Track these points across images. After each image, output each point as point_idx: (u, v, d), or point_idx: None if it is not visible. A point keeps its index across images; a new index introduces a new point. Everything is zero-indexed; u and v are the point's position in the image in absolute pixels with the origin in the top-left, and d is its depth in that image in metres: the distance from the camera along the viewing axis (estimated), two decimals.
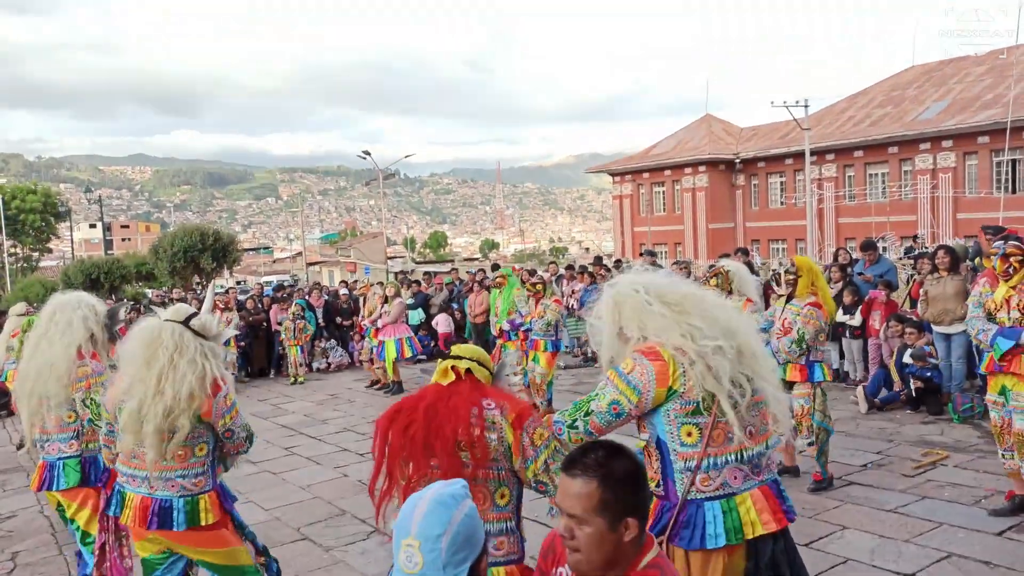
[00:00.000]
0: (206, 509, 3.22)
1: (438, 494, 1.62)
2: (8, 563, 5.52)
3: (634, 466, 1.77)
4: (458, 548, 1.56)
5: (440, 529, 1.56)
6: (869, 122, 33.38)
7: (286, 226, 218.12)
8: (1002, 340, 4.77)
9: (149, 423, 3.04)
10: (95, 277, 27.70)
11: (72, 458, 3.88)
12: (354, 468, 7.31)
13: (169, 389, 3.06)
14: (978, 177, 28.69)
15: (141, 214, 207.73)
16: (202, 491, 3.24)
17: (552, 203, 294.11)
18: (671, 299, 2.62)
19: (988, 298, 4.93)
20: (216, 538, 3.27)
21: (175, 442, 3.12)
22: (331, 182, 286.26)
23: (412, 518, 1.59)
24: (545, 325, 8.74)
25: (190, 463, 3.21)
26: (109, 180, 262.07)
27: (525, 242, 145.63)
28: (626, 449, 1.81)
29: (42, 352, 3.77)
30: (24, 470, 8.41)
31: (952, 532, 4.77)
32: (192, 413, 3.11)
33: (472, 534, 1.60)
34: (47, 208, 44.06)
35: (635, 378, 2.51)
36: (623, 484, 1.71)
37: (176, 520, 3.16)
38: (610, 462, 1.73)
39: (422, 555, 1.55)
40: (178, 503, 3.17)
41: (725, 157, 36.98)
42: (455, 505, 1.60)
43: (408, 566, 1.56)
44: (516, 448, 2.43)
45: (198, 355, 3.15)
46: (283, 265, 68.57)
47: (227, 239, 31.14)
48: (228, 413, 3.25)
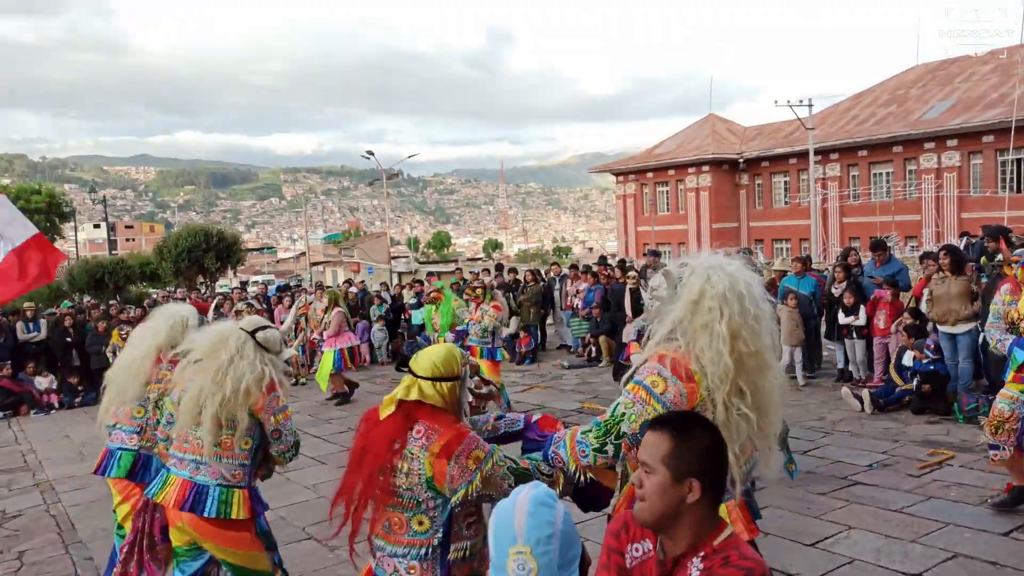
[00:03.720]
0: (237, 503, 3.36)
1: (535, 495, 1.57)
2: (15, 562, 5.54)
3: (710, 436, 1.78)
4: (569, 546, 1.53)
5: (549, 529, 1.52)
6: (873, 121, 33.31)
7: (290, 226, 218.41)
8: (1020, 351, 4.74)
9: (207, 410, 3.26)
10: (99, 277, 27.70)
11: (129, 451, 4.16)
12: None
13: (228, 383, 3.28)
14: (983, 176, 28.60)
15: (145, 214, 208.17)
16: (238, 485, 3.40)
17: (555, 203, 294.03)
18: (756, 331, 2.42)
19: (1012, 307, 4.86)
20: (239, 539, 3.38)
21: (238, 435, 3.34)
22: (334, 182, 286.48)
23: (515, 521, 1.54)
24: (482, 331, 8.45)
25: (234, 454, 3.38)
26: (113, 180, 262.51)
27: (528, 242, 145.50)
28: (710, 423, 1.85)
29: (132, 349, 4.16)
30: (30, 470, 8.44)
31: (958, 532, 4.76)
32: (247, 407, 3.32)
33: (574, 529, 1.57)
34: (52, 208, 44.07)
35: (670, 399, 2.39)
36: (693, 445, 1.73)
37: (208, 506, 3.31)
38: (688, 425, 1.80)
39: (535, 560, 1.50)
40: (214, 491, 3.34)
41: (729, 157, 36.93)
42: (554, 502, 1.56)
43: (521, 574, 1.50)
44: (439, 479, 2.40)
45: (258, 361, 3.38)
46: (286, 265, 68.66)
47: (231, 239, 31.13)
48: (279, 413, 3.43)
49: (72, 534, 6.05)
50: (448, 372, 2.57)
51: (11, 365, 12.55)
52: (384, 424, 2.52)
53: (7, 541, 6.00)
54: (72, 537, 5.98)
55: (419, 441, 2.45)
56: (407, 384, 2.57)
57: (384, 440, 2.47)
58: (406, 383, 2.57)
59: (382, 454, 2.45)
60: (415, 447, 2.44)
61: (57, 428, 10.91)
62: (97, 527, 6.14)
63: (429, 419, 2.50)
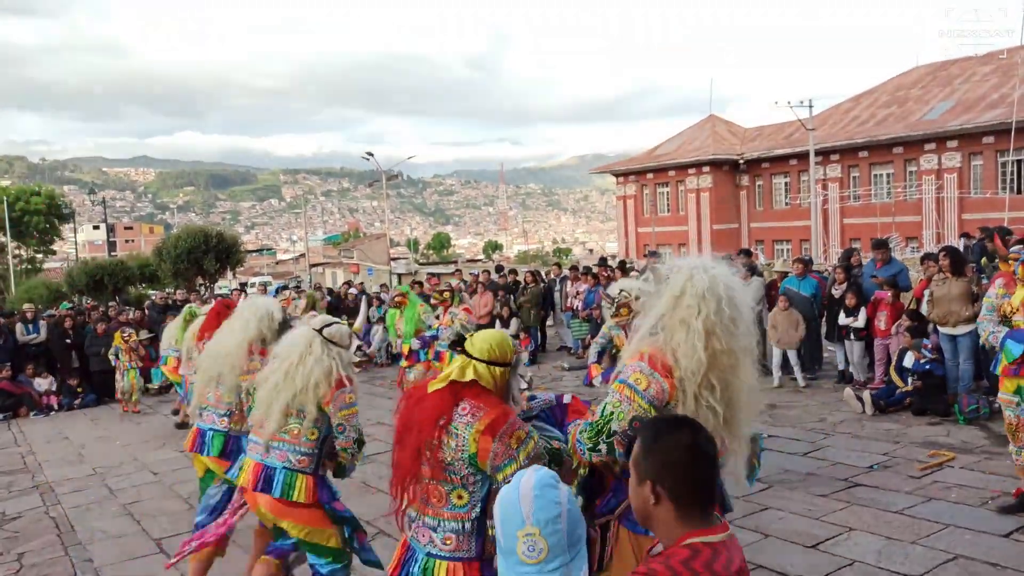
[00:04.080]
0: (300, 488, 3.65)
1: (539, 478, 1.59)
2: (14, 563, 5.53)
3: (681, 444, 1.73)
4: (575, 525, 1.57)
5: (557, 510, 1.56)
6: (874, 122, 33.32)
7: (289, 227, 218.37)
8: (1012, 344, 4.73)
9: (278, 402, 3.62)
10: (99, 279, 27.63)
11: (220, 432, 4.55)
12: (358, 469, 7.29)
13: (299, 378, 3.62)
14: (983, 177, 28.60)
15: (144, 216, 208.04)
16: (302, 471, 3.69)
17: (555, 204, 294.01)
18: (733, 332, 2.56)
19: (1005, 300, 4.88)
20: (306, 516, 3.67)
21: (305, 425, 3.66)
22: (334, 183, 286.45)
23: (522, 506, 1.57)
24: (453, 334, 8.18)
25: (300, 442, 3.69)
26: (113, 182, 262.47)
27: (528, 243, 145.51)
28: (689, 431, 1.78)
29: (223, 340, 4.44)
30: (29, 472, 8.43)
31: (959, 534, 4.75)
32: (316, 400, 3.62)
33: (580, 514, 1.60)
34: (51, 210, 44.10)
35: (652, 395, 2.52)
36: (657, 450, 1.72)
37: (274, 486, 3.64)
38: (660, 430, 1.78)
39: (545, 540, 1.53)
40: (280, 473, 3.67)
41: (729, 157, 36.93)
42: (558, 483, 1.58)
43: (531, 555, 1.53)
44: (482, 456, 2.50)
45: (325, 356, 3.67)
46: (286, 267, 68.66)
47: (230, 240, 31.09)
48: (345, 409, 3.67)
49: (71, 536, 6.05)
50: (502, 357, 2.69)
51: (10, 367, 12.54)
52: (430, 399, 2.62)
53: (7, 543, 5.99)
54: (71, 539, 5.97)
55: (464, 418, 2.56)
56: (462, 365, 2.66)
57: (431, 416, 2.58)
58: (461, 364, 2.67)
59: (428, 430, 2.56)
60: (460, 424, 2.55)
61: (56, 430, 10.90)
62: (96, 528, 6.14)
63: (475, 398, 2.60)
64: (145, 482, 7.52)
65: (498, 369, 2.67)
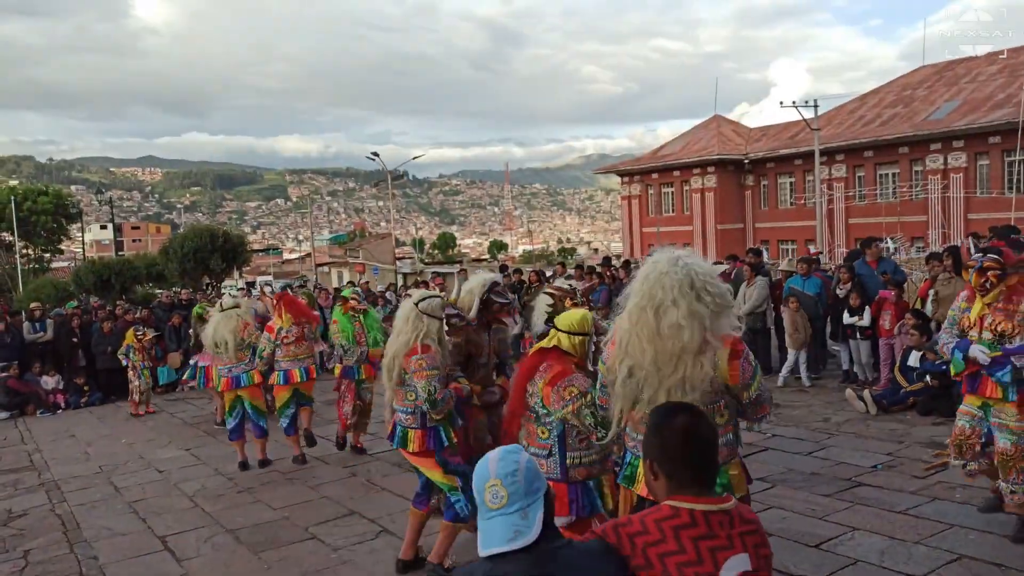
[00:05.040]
0: (411, 440, 4.53)
1: (503, 448, 1.99)
2: (20, 560, 5.56)
3: (665, 426, 2.02)
4: (532, 479, 1.90)
5: (514, 467, 1.90)
6: (879, 122, 33.21)
7: (295, 227, 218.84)
8: (958, 354, 4.55)
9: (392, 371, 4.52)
10: (106, 278, 27.69)
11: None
12: (362, 468, 7.32)
13: (392, 348, 4.52)
14: (989, 177, 28.47)
15: (151, 215, 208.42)
16: (411, 427, 4.54)
17: (560, 204, 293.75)
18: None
19: (965, 314, 4.64)
20: (419, 461, 4.60)
21: (404, 388, 4.52)
22: (340, 183, 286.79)
23: (488, 466, 1.93)
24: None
25: (404, 403, 4.55)
26: (120, 182, 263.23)
27: (533, 243, 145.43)
28: (683, 416, 2.04)
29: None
30: (36, 469, 8.48)
31: (963, 534, 4.74)
32: (401, 367, 4.46)
33: (538, 471, 1.95)
34: (58, 210, 44.22)
35: (604, 359, 3.18)
36: (650, 431, 2.08)
37: (396, 439, 4.62)
38: (660, 414, 2.11)
39: (506, 489, 1.88)
40: (399, 429, 4.60)
41: (734, 157, 36.85)
42: (518, 451, 1.96)
43: (495, 502, 1.88)
44: (546, 400, 3.49)
45: (411, 326, 4.44)
46: (292, 266, 68.74)
47: (237, 240, 31.17)
48: (417, 372, 4.36)
49: (77, 533, 6.08)
50: (582, 329, 3.62)
51: (18, 365, 12.61)
52: (527, 360, 3.75)
53: (13, 540, 6.03)
54: (77, 536, 6.01)
55: (540, 373, 3.57)
56: (550, 336, 3.64)
57: (526, 372, 3.66)
58: (551, 335, 3.64)
59: (522, 380, 3.67)
60: (537, 376, 3.54)
61: (63, 428, 10.95)
62: (102, 526, 6.18)
63: (553, 359, 3.57)
64: (150, 480, 7.55)
65: (577, 338, 3.58)
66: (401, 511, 5.92)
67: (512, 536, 1.83)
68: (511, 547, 1.82)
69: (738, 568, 1.94)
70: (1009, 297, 4.42)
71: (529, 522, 1.85)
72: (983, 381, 4.51)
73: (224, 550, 5.44)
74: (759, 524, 2.04)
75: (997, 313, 4.43)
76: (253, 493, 6.76)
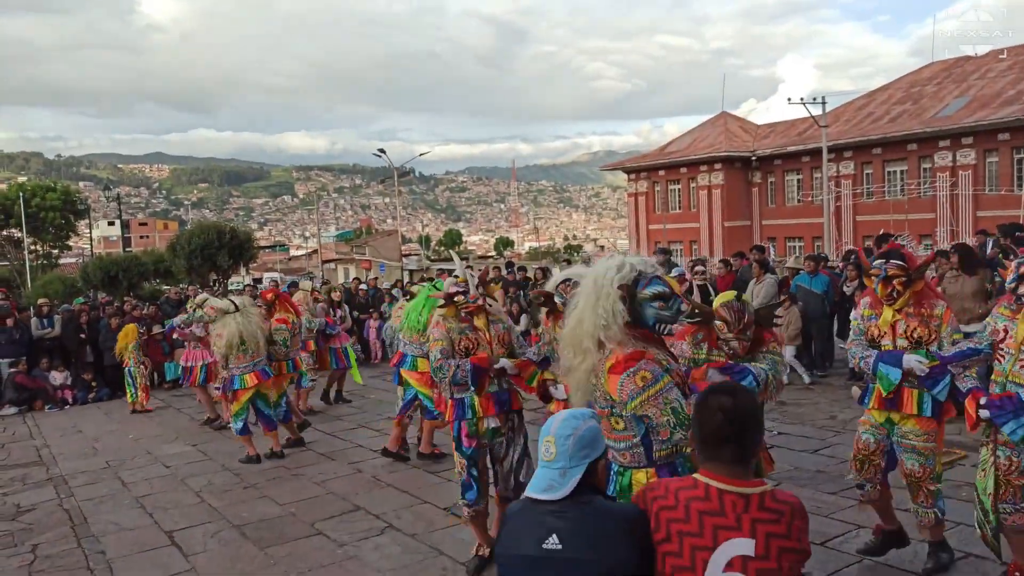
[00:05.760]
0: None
1: (571, 411, 2.27)
2: (29, 555, 5.60)
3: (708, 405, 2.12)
4: (582, 447, 2.13)
5: (569, 431, 2.14)
6: (888, 119, 33.06)
7: (302, 224, 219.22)
8: (886, 368, 4.13)
9: None
10: (113, 274, 27.80)
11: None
12: (368, 464, 7.34)
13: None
14: (999, 174, 28.33)
15: (159, 212, 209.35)
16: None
17: (567, 201, 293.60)
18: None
19: (872, 323, 4.26)
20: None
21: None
22: (346, 180, 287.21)
23: (552, 423, 2.20)
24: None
25: None
26: (128, 178, 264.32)
27: (540, 240, 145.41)
28: (723, 396, 2.11)
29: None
30: (44, 464, 8.52)
31: (969, 532, 4.71)
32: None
33: (593, 440, 2.17)
34: (67, 206, 44.35)
35: None
36: (696, 408, 2.20)
37: None
38: (705, 393, 2.21)
39: (556, 447, 2.13)
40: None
41: (741, 154, 36.75)
42: (581, 418, 2.21)
43: (545, 455, 2.15)
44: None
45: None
46: (299, 263, 68.91)
47: (244, 237, 31.22)
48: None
49: (84, 528, 6.11)
50: None
51: (26, 361, 12.68)
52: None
53: (21, 534, 6.07)
54: (85, 531, 6.04)
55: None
56: None
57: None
58: None
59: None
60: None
61: (71, 423, 11.01)
62: (109, 521, 6.21)
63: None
64: (158, 475, 7.59)
65: None
66: (407, 507, 5.94)
67: (546, 487, 2.10)
68: (542, 496, 2.09)
69: (735, 551, 1.96)
70: (919, 302, 4.14)
71: (564, 481, 2.09)
72: (904, 394, 4.16)
73: (231, 545, 5.47)
74: (788, 515, 2.05)
75: (911, 319, 4.11)
76: (259, 489, 6.79)
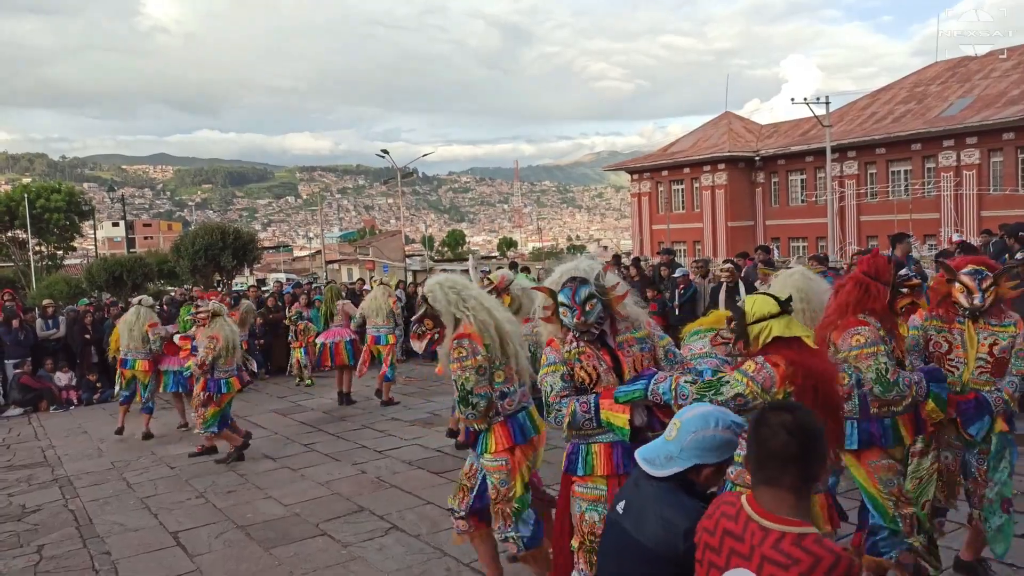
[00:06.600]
0: (492, 439, 3.85)
1: (715, 409, 2.28)
2: (34, 555, 5.61)
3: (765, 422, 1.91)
4: (700, 448, 2.17)
5: (695, 428, 2.20)
6: (892, 119, 33.00)
7: (305, 224, 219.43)
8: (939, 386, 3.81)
9: None
10: (118, 275, 27.87)
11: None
12: (372, 465, 7.35)
13: None
14: (1003, 174, 28.27)
15: (163, 213, 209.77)
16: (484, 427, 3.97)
17: (570, 201, 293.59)
18: None
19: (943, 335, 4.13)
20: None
21: None
22: (350, 181, 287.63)
23: (689, 411, 2.27)
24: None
25: None
26: (132, 179, 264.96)
27: (543, 240, 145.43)
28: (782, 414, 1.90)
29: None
30: (49, 465, 8.54)
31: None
32: None
33: (716, 448, 2.19)
34: (71, 207, 44.47)
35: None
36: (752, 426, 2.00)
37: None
38: (763, 410, 2.01)
39: (677, 433, 2.22)
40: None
41: (745, 154, 36.71)
42: (715, 424, 2.21)
43: (668, 435, 2.25)
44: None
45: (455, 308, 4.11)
46: (302, 263, 69.01)
47: (247, 237, 31.22)
48: (455, 363, 3.78)
49: (90, 528, 6.12)
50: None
51: (31, 361, 12.71)
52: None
53: (27, 535, 6.08)
54: (90, 532, 6.05)
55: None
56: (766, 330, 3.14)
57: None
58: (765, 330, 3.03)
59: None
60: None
61: (76, 424, 11.03)
62: (114, 522, 6.22)
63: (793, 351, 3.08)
64: (162, 476, 7.60)
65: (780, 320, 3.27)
66: (411, 508, 5.94)
67: (651, 460, 2.23)
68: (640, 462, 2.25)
69: None
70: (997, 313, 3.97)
71: (666, 465, 2.19)
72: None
73: (235, 546, 5.47)
74: (807, 567, 1.74)
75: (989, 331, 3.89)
76: (264, 489, 6.80)
